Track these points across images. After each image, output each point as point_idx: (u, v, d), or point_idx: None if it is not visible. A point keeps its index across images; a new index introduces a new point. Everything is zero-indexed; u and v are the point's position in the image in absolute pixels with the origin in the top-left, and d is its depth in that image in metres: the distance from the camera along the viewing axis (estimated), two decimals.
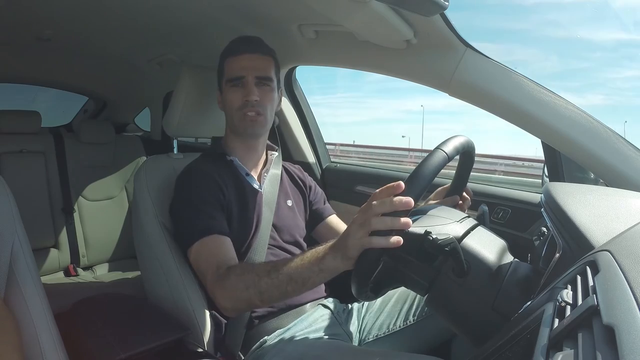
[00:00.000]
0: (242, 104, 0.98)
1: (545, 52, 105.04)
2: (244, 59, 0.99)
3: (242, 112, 0.99)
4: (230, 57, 1.01)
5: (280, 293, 0.75)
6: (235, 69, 0.99)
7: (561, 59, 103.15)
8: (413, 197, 0.64)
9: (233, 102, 0.99)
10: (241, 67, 0.99)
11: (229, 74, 1.00)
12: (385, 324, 0.98)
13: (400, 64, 1.06)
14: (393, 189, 0.64)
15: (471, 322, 0.68)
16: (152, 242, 0.99)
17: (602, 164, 0.85)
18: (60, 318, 0.79)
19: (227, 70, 1.01)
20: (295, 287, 0.74)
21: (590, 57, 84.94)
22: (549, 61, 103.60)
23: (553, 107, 0.88)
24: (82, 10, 1.30)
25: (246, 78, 0.98)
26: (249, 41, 1.02)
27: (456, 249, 0.65)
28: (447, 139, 0.75)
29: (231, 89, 1.00)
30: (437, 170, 0.68)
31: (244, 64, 0.99)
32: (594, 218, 0.57)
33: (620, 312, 0.33)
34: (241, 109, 0.99)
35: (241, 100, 0.98)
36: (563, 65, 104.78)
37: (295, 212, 1.08)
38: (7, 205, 0.74)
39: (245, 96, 0.98)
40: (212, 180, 0.96)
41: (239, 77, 0.98)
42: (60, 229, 1.87)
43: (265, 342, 0.89)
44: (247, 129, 1.01)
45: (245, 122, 0.99)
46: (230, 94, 1.00)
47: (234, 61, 1.00)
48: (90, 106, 2.45)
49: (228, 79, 1.00)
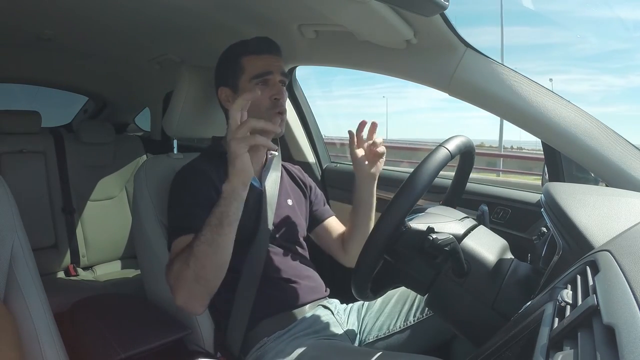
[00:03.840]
0: (271, 104, 0.97)
1: (584, 34, 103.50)
2: (269, 59, 0.99)
3: (272, 113, 0.97)
4: (253, 55, 0.99)
5: (213, 247, 0.79)
6: (261, 65, 0.98)
7: (601, 40, 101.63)
8: (416, 193, 0.64)
9: (259, 101, 0.96)
10: (267, 64, 0.98)
11: (253, 71, 0.98)
12: (386, 324, 0.98)
13: (400, 64, 1.05)
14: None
15: (471, 322, 0.68)
16: (152, 241, 0.99)
17: (602, 164, 0.84)
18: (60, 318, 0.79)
19: (250, 67, 0.99)
20: (216, 230, 0.79)
21: (632, 37, 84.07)
22: (588, 43, 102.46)
23: (553, 107, 0.88)
24: (83, 10, 1.30)
25: (274, 75, 0.98)
26: (269, 42, 1.02)
27: (456, 249, 0.65)
28: (449, 137, 0.75)
29: (256, 87, 0.97)
30: (440, 167, 0.68)
31: (270, 61, 0.99)
32: (594, 218, 0.57)
33: (620, 312, 0.33)
34: (271, 109, 0.97)
35: (269, 100, 0.97)
36: (603, 46, 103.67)
37: (296, 211, 1.08)
38: (7, 205, 0.74)
39: (275, 94, 0.97)
40: (207, 179, 0.95)
41: (267, 72, 0.97)
42: (60, 229, 1.87)
43: (266, 342, 0.89)
44: (276, 129, 1.00)
45: (274, 122, 0.97)
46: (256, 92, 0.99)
47: (258, 59, 0.99)
48: (90, 106, 2.45)
49: (254, 75, 0.98)
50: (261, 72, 0.97)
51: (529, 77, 0.90)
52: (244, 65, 0.99)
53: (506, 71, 0.91)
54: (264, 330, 0.91)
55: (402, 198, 0.65)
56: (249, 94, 0.80)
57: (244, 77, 0.99)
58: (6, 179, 0.77)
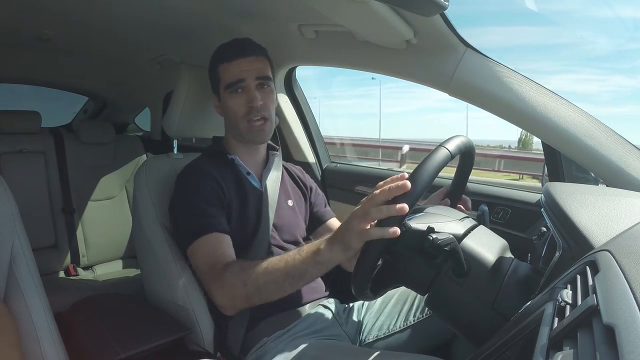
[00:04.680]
0: (246, 111, 0.96)
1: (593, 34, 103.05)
2: (241, 63, 0.97)
3: (248, 120, 0.96)
4: (225, 63, 0.98)
5: (278, 289, 0.76)
6: (234, 73, 0.96)
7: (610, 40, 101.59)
8: (417, 193, 0.64)
9: (236, 109, 0.96)
10: (239, 70, 0.96)
11: (226, 80, 0.97)
12: (386, 324, 0.98)
13: (400, 64, 1.05)
14: (396, 180, 0.65)
15: (471, 322, 0.68)
16: (152, 242, 0.99)
17: (602, 164, 0.85)
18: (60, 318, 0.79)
19: (224, 76, 0.98)
20: (292, 282, 0.75)
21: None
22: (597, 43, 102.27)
23: (553, 107, 0.88)
24: (82, 11, 1.30)
25: (246, 81, 0.96)
26: (241, 45, 0.99)
27: (456, 249, 0.65)
28: (450, 137, 0.75)
29: (231, 95, 0.97)
30: (440, 166, 0.68)
31: (242, 67, 0.96)
32: (594, 218, 0.57)
33: (620, 312, 0.33)
34: (246, 117, 0.96)
35: (245, 107, 0.96)
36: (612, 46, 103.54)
37: (296, 212, 1.08)
38: (7, 205, 0.74)
39: (249, 102, 0.95)
40: (211, 178, 0.95)
41: (239, 79, 0.96)
42: (60, 229, 1.87)
43: (266, 342, 0.89)
44: (255, 138, 0.99)
45: (253, 131, 0.97)
46: (231, 100, 0.97)
47: (230, 66, 0.97)
48: (90, 106, 2.45)
49: (227, 84, 0.97)
50: (233, 81, 0.96)
51: (528, 77, 0.90)
52: (220, 74, 0.99)
53: (506, 71, 0.91)
54: (264, 330, 0.91)
55: (402, 198, 0.65)
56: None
57: (221, 86, 0.99)
58: (6, 179, 0.77)
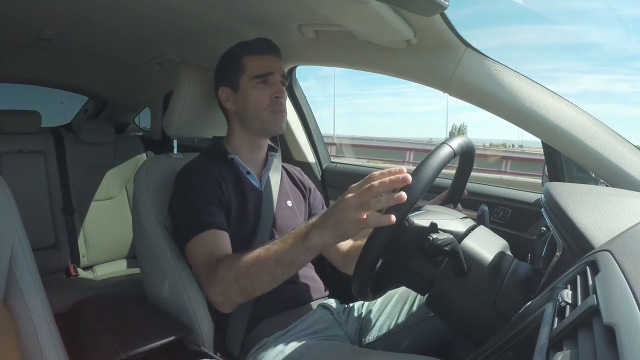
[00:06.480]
0: (270, 102, 1.00)
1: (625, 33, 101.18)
2: (269, 59, 1.02)
3: (272, 110, 1.00)
4: (254, 56, 1.02)
5: (270, 279, 0.77)
6: (263, 65, 1.01)
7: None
8: (419, 190, 0.64)
9: (260, 99, 1.00)
10: (268, 64, 1.01)
11: (255, 71, 1.01)
12: (386, 324, 0.98)
13: (400, 64, 1.05)
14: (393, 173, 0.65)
15: (471, 322, 0.68)
16: (152, 242, 0.99)
17: (602, 164, 0.84)
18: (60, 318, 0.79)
19: (251, 67, 1.01)
20: (284, 269, 0.76)
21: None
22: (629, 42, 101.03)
23: (553, 106, 0.88)
24: (83, 10, 1.30)
25: (274, 75, 1.01)
26: (270, 43, 1.05)
27: (456, 249, 0.65)
28: (452, 137, 0.76)
29: (257, 86, 1.00)
30: (443, 164, 0.68)
31: (270, 62, 1.02)
32: (594, 218, 0.57)
33: (620, 312, 0.33)
34: (270, 107, 1.00)
35: (269, 98, 1.00)
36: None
37: (295, 213, 1.08)
38: (7, 205, 0.74)
39: (274, 93, 1.00)
40: (210, 176, 0.96)
41: (268, 72, 1.00)
42: (60, 229, 1.87)
43: (265, 342, 0.89)
44: (275, 127, 1.03)
45: (275, 119, 1.01)
46: (255, 90, 1.01)
47: (259, 59, 1.02)
48: (90, 106, 2.45)
49: (255, 75, 1.01)
50: (263, 72, 1.00)
51: (528, 77, 0.90)
52: (245, 65, 1.02)
53: (506, 71, 0.91)
54: (264, 330, 0.91)
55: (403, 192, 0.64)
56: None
57: (245, 77, 1.01)
58: (6, 179, 0.77)
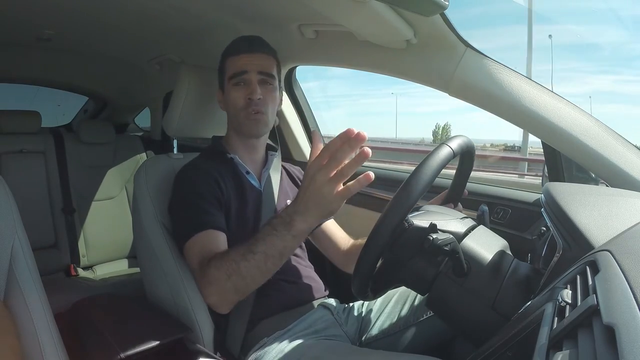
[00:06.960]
0: (245, 104, 0.99)
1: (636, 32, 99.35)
2: (246, 57, 1.00)
3: (246, 112, 0.99)
4: (233, 56, 1.01)
5: (262, 272, 0.77)
6: (238, 65, 1.00)
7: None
8: (419, 190, 0.64)
9: (236, 101, 0.99)
10: (243, 63, 0.99)
11: (230, 71, 1.00)
12: (386, 324, 0.98)
13: (400, 64, 1.05)
14: (344, 137, 0.64)
15: (471, 322, 0.68)
16: (152, 242, 0.99)
17: (602, 164, 0.84)
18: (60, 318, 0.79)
19: (229, 67, 1.01)
20: (274, 260, 0.76)
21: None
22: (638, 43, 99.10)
23: (553, 107, 0.88)
24: (83, 11, 1.30)
25: (249, 74, 0.99)
26: (250, 40, 1.03)
27: (456, 249, 0.65)
28: (452, 137, 0.76)
29: (234, 88, 1.00)
30: (442, 164, 0.68)
31: (246, 61, 1.00)
32: (594, 218, 0.57)
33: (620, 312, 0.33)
34: (245, 109, 0.99)
35: (244, 99, 0.98)
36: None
37: None
38: (7, 205, 0.74)
39: (248, 94, 0.98)
40: (209, 176, 0.96)
41: (242, 72, 0.99)
42: (60, 229, 1.87)
43: (265, 342, 0.89)
44: (251, 130, 1.01)
45: (249, 121, 0.99)
46: (232, 92, 1.00)
47: (236, 59, 1.01)
48: (90, 106, 2.45)
49: (230, 75, 1.00)
50: (236, 71, 0.99)
51: (528, 77, 0.90)
52: (226, 66, 1.03)
53: (506, 71, 0.91)
54: (264, 330, 0.91)
55: (404, 194, 0.64)
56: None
57: (226, 78, 1.02)
58: (6, 179, 0.77)
